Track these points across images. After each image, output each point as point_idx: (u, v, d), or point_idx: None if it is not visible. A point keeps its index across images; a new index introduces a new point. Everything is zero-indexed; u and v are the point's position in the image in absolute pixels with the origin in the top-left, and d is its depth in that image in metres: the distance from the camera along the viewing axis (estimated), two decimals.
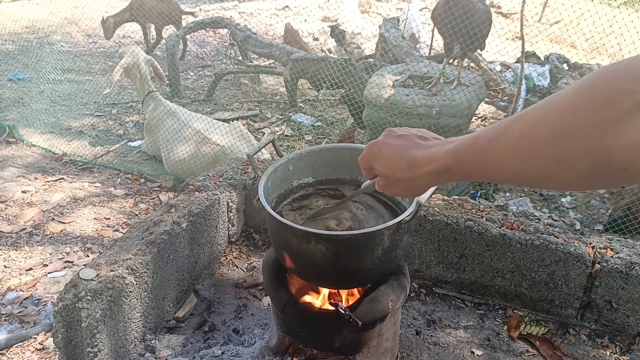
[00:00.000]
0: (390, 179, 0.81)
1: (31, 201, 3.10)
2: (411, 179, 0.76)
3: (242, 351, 1.58)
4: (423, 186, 0.78)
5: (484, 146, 0.64)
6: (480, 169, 0.66)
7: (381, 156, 0.81)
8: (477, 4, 3.31)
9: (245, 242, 2.23)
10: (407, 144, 0.78)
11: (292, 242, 1.20)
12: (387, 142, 0.81)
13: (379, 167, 0.83)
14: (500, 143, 0.62)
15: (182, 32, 5.62)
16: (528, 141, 0.58)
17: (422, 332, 1.75)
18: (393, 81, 3.72)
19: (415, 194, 0.83)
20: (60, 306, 1.41)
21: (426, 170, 0.73)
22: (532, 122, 0.58)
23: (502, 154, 0.61)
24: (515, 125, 0.60)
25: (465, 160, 0.67)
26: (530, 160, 0.57)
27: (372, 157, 0.84)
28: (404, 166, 0.77)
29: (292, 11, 9.21)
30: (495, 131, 0.63)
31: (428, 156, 0.73)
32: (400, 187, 0.80)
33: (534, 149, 0.57)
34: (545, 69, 5.37)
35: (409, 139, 0.79)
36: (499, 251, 1.81)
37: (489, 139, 0.64)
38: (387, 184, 0.83)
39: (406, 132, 0.81)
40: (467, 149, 0.67)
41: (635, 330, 1.74)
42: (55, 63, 4.96)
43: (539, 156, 0.56)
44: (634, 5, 6.50)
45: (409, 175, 0.76)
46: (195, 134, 3.42)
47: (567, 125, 0.53)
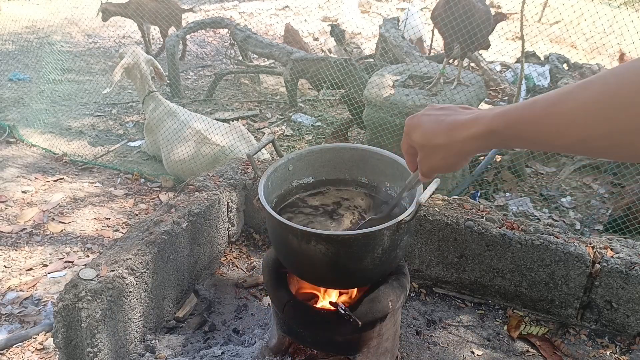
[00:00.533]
0: (427, 148, 0.76)
1: (31, 201, 3.10)
2: (450, 145, 0.72)
3: (242, 351, 1.58)
4: (463, 153, 0.73)
5: (541, 111, 0.60)
6: (536, 133, 0.61)
7: (419, 125, 0.77)
8: (477, 4, 3.31)
9: (245, 242, 2.23)
10: (449, 112, 0.75)
11: (292, 242, 1.20)
12: (428, 113, 0.78)
13: (416, 137, 0.78)
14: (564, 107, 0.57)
15: (182, 32, 5.62)
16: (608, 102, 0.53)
17: (422, 332, 1.75)
18: (393, 81, 3.72)
19: (455, 166, 0.76)
20: (60, 306, 1.41)
21: (468, 134, 0.69)
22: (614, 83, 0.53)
23: (566, 119, 0.57)
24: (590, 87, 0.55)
25: (518, 122, 0.63)
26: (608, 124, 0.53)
27: (411, 129, 0.79)
28: (443, 130, 0.72)
29: (292, 11, 9.21)
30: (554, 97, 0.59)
31: (472, 119, 0.70)
32: (439, 156, 0.75)
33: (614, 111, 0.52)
34: (545, 69, 5.36)
35: (451, 109, 0.76)
36: (499, 251, 1.81)
37: (547, 103, 0.59)
38: (425, 156, 0.77)
39: (447, 105, 0.78)
40: (522, 111, 0.63)
41: (635, 330, 1.74)
42: (55, 63, 4.96)
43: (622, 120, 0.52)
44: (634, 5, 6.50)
45: (448, 139, 0.72)
46: (195, 134, 3.42)
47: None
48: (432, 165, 0.78)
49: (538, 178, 3.80)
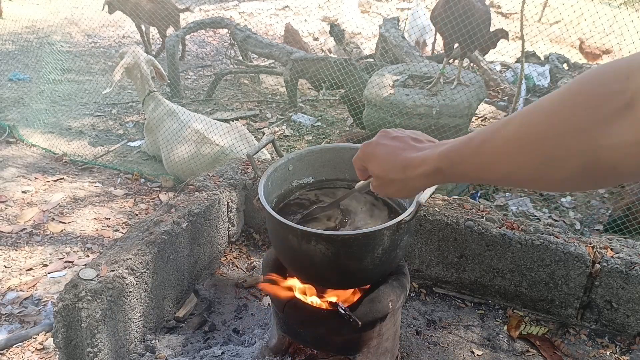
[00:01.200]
0: (383, 180, 0.82)
1: (31, 201, 3.10)
2: (404, 180, 0.77)
3: (242, 351, 1.58)
4: (416, 187, 0.79)
5: (475, 148, 0.65)
6: (472, 170, 0.67)
7: (375, 157, 0.82)
8: (476, 4, 3.31)
9: (245, 242, 2.23)
10: (401, 145, 0.79)
11: (292, 242, 1.20)
12: (382, 142, 0.82)
13: (373, 168, 0.84)
14: (491, 144, 0.62)
15: (182, 32, 5.62)
16: (517, 142, 0.58)
17: (422, 332, 1.75)
18: (393, 81, 3.72)
19: (409, 195, 0.85)
20: (60, 306, 1.41)
21: (419, 172, 0.74)
22: (521, 124, 0.59)
23: (493, 155, 0.62)
24: (507, 127, 0.60)
25: (457, 162, 0.68)
26: (520, 161, 0.58)
27: (366, 158, 0.85)
28: (398, 167, 0.78)
29: (292, 11, 9.21)
30: (487, 133, 0.64)
31: (421, 158, 0.75)
32: (394, 188, 0.81)
33: (523, 150, 0.57)
34: (545, 68, 5.37)
35: (402, 141, 0.80)
36: (499, 251, 1.81)
37: (480, 140, 0.64)
38: (381, 185, 0.84)
39: (400, 134, 0.82)
40: (459, 150, 0.68)
41: (635, 330, 1.74)
42: (55, 63, 4.96)
43: (528, 157, 0.57)
44: (634, 5, 6.50)
45: (402, 176, 0.77)
46: (195, 134, 3.42)
47: (555, 126, 0.54)
48: (387, 193, 0.86)
49: None
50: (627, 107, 0.47)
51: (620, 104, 0.48)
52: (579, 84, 0.53)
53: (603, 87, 0.50)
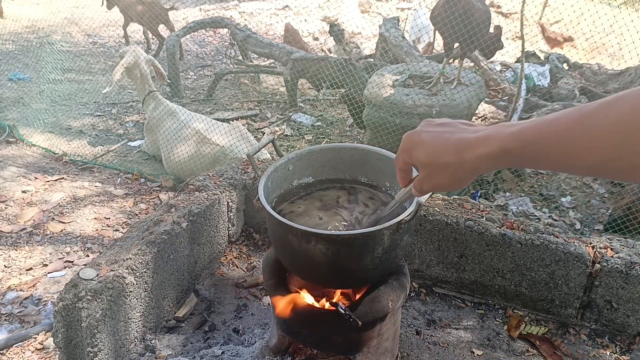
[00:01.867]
0: (433, 167, 0.73)
1: (31, 201, 3.10)
2: (459, 164, 0.69)
3: (242, 351, 1.58)
4: (472, 172, 0.70)
5: (563, 129, 0.58)
6: (552, 153, 0.60)
7: (422, 143, 0.73)
8: (476, 4, 3.31)
9: (245, 242, 2.23)
10: (452, 129, 0.72)
11: (292, 242, 1.20)
12: (428, 129, 0.74)
13: (420, 155, 0.74)
14: (588, 125, 0.55)
15: (181, 32, 5.62)
16: (627, 126, 0.52)
17: (422, 332, 1.75)
18: (393, 81, 3.72)
19: (461, 184, 0.74)
20: (60, 306, 1.41)
21: (479, 153, 0.67)
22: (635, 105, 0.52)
23: (589, 139, 0.55)
24: (612, 109, 0.54)
25: (534, 143, 0.61)
26: (629, 147, 0.52)
27: (412, 147, 0.75)
28: (451, 149, 0.70)
29: (292, 11, 9.21)
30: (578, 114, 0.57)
31: (482, 137, 0.67)
32: (446, 176, 0.72)
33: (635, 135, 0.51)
34: (545, 68, 5.37)
35: (452, 125, 0.73)
36: (499, 251, 1.81)
37: (570, 121, 0.58)
38: (429, 175, 0.74)
39: (447, 121, 0.75)
40: (539, 130, 0.61)
41: (635, 330, 1.74)
42: (55, 63, 4.96)
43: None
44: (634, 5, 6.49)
45: (456, 158, 0.69)
46: (195, 134, 3.42)
47: None
48: (436, 183, 0.75)
49: (538, 178, 3.80)
50: None
51: None
52: None
53: None
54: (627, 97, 0.54)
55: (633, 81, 4.78)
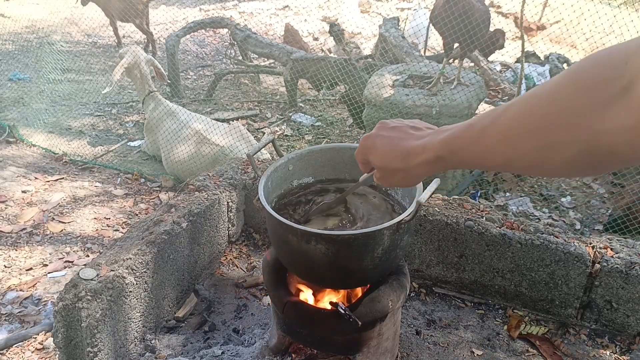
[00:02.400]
0: (385, 170, 0.82)
1: (31, 201, 3.10)
2: (406, 169, 0.78)
3: (242, 351, 1.58)
4: (418, 175, 0.79)
5: (475, 135, 0.65)
6: (472, 158, 0.67)
7: (375, 149, 0.83)
8: (476, 4, 3.31)
9: (245, 242, 2.23)
10: (400, 135, 0.80)
11: (292, 242, 1.20)
12: (381, 134, 0.83)
13: (374, 160, 0.84)
14: (490, 132, 0.63)
15: (181, 32, 5.62)
16: (516, 129, 0.59)
17: (422, 332, 1.75)
18: (393, 81, 3.72)
19: (412, 184, 0.85)
20: (60, 306, 1.41)
21: (420, 160, 0.75)
22: (519, 111, 0.59)
23: (493, 143, 0.62)
24: (505, 114, 0.61)
25: (457, 149, 0.69)
26: (520, 147, 0.59)
27: (367, 151, 0.85)
28: (399, 157, 0.78)
29: (292, 11, 9.21)
30: (486, 120, 0.64)
31: (421, 146, 0.75)
32: (397, 178, 0.82)
33: (522, 137, 0.58)
34: (545, 68, 5.37)
35: (402, 130, 0.81)
36: (499, 251, 1.81)
37: (481, 127, 0.65)
38: (384, 176, 0.84)
39: (399, 124, 0.82)
40: (459, 138, 0.68)
41: (635, 330, 1.74)
42: (55, 63, 4.96)
43: (528, 144, 0.57)
44: (634, 5, 6.49)
45: (404, 165, 0.78)
46: (195, 134, 3.42)
47: (553, 112, 0.54)
48: (391, 183, 0.86)
49: (538, 178, 3.80)
50: (625, 92, 0.48)
51: (618, 89, 0.48)
52: (578, 69, 0.54)
53: (601, 72, 0.50)
54: (518, 101, 0.60)
55: None
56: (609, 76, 0.49)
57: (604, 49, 0.53)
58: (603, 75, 0.50)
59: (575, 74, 0.53)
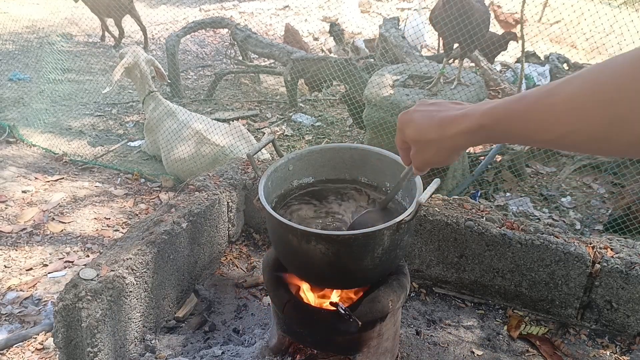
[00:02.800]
0: (420, 143, 0.79)
1: (31, 201, 3.10)
2: (441, 140, 0.75)
3: (242, 351, 1.58)
4: (454, 147, 0.75)
5: (530, 104, 0.62)
6: (522, 129, 0.63)
7: (412, 122, 0.80)
8: (475, 4, 3.31)
9: (245, 242, 2.23)
10: (440, 108, 0.77)
11: (292, 242, 1.20)
12: (419, 109, 0.80)
13: (409, 132, 0.80)
14: (550, 101, 0.59)
15: (181, 32, 5.62)
16: (586, 98, 0.55)
17: (422, 332, 1.75)
18: (393, 81, 3.72)
19: (447, 159, 0.80)
20: (60, 306, 1.41)
21: (459, 129, 0.72)
22: (592, 80, 0.56)
23: (552, 112, 0.59)
24: (572, 83, 0.57)
25: (505, 118, 0.65)
26: (586, 119, 0.55)
27: (404, 125, 0.82)
28: (435, 126, 0.75)
29: (292, 11, 9.21)
30: (544, 90, 0.61)
31: (462, 114, 0.72)
32: (432, 151, 0.78)
33: (592, 106, 0.55)
34: (545, 68, 5.37)
35: (442, 105, 0.78)
36: (499, 251, 1.81)
37: (536, 97, 0.61)
38: (418, 150, 0.80)
39: (438, 100, 0.80)
40: (509, 106, 0.65)
41: (635, 330, 1.74)
42: (55, 63, 4.96)
43: (597, 115, 0.54)
44: (634, 5, 6.49)
45: (439, 135, 0.74)
46: (195, 134, 3.42)
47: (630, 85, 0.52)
48: (425, 159, 0.81)
49: (538, 178, 3.80)
50: None
51: None
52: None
53: None
54: (583, 73, 0.57)
55: None
56: None
57: None
58: None
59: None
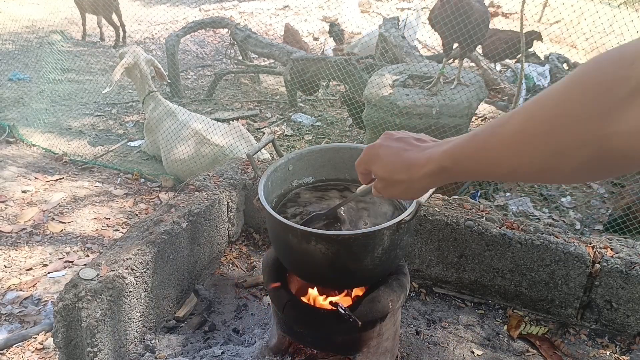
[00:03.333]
0: (388, 181, 0.81)
1: (31, 201, 3.10)
2: (409, 181, 0.77)
3: (242, 351, 1.58)
4: (421, 188, 0.78)
5: (480, 143, 0.64)
6: (477, 167, 0.66)
7: (379, 159, 0.82)
8: (475, 4, 3.31)
9: (245, 242, 2.23)
10: (405, 146, 0.79)
11: (292, 242, 1.20)
12: (385, 144, 0.81)
13: (377, 170, 0.83)
14: (496, 139, 0.61)
15: (181, 32, 5.62)
16: (524, 134, 0.57)
17: (422, 332, 1.75)
18: (393, 81, 3.72)
19: (414, 196, 0.83)
20: (60, 306, 1.41)
21: (424, 171, 0.74)
22: (527, 116, 0.58)
23: (499, 150, 0.61)
24: (512, 120, 0.59)
25: (461, 159, 0.67)
26: (527, 154, 0.57)
27: (370, 160, 0.84)
28: (402, 168, 0.77)
29: (292, 11, 9.21)
30: (491, 128, 0.63)
31: (425, 157, 0.74)
32: (399, 190, 0.80)
33: (530, 142, 0.56)
34: (545, 68, 5.37)
35: (406, 142, 0.80)
36: (499, 251, 1.81)
37: (485, 135, 0.63)
38: (385, 186, 0.83)
39: (404, 135, 0.82)
40: (463, 147, 0.67)
41: (635, 330, 1.74)
42: (55, 63, 4.96)
43: (537, 149, 0.56)
44: (634, 5, 6.49)
45: (407, 177, 0.76)
46: (195, 134, 3.42)
47: (563, 116, 0.53)
48: (392, 194, 0.84)
49: None
50: (634, 94, 0.47)
51: (627, 91, 0.47)
52: (584, 72, 0.52)
53: (608, 74, 0.49)
54: (524, 108, 0.59)
55: None
56: (616, 78, 0.48)
57: (608, 50, 0.52)
58: (610, 77, 0.49)
59: (581, 77, 0.52)
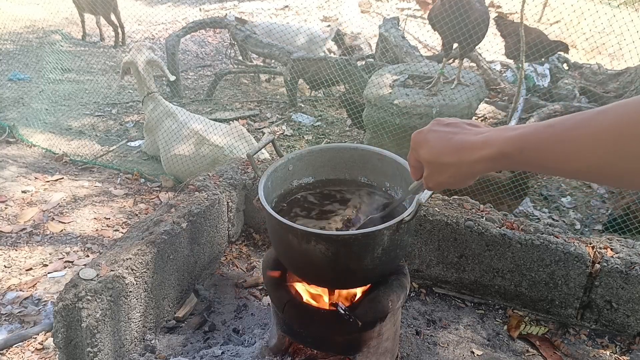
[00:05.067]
0: (434, 165, 0.76)
1: (31, 201, 3.10)
2: (458, 164, 0.72)
3: (242, 351, 1.58)
4: (471, 173, 0.73)
5: (558, 134, 0.60)
6: (547, 159, 0.62)
7: (427, 143, 0.77)
8: (474, 4, 3.31)
9: (245, 242, 2.23)
10: (455, 129, 0.75)
11: (292, 242, 1.20)
12: (434, 129, 0.77)
13: (424, 154, 0.78)
14: (579, 132, 0.58)
15: (181, 32, 5.62)
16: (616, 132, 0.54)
17: (422, 332, 1.75)
18: (393, 81, 3.72)
19: (463, 183, 0.77)
20: (60, 306, 1.41)
21: (479, 156, 0.69)
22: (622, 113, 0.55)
23: (581, 144, 0.58)
24: (603, 116, 0.56)
25: (529, 148, 0.64)
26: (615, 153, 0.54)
27: (417, 145, 0.79)
28: (451, 150, 0.73)
29: (292, 11, 9.21)
30: (573, 121, 0.60)
31: (482, 140, 0.70)
32: (447, 174, 0.75)
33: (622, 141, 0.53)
34: (545, 68, 5.36)
35: (457, 126, 0.76)
36: (499, 251, 1.81)
37: (565, 127, 0.60)
38: (432, 173, 0.78)
39: (454, 121, 0.77)
40: (536, 135, 0.63)
41: (635, 330, 1.74)
42: (55, 63, 4.96)
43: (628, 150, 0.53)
44: (634, 5, 6.49)
45: (456, 159, 0.72)
46: (194, 135, 3.42)
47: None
48: (439, 182, 0.79)
49: (538, 178, 3.80)
50: None
51: None
52: None
53: None
54: (616, 105, 0.56)
55: (633, 81, 4.78)
56: None
57: None
58: None
59: None
